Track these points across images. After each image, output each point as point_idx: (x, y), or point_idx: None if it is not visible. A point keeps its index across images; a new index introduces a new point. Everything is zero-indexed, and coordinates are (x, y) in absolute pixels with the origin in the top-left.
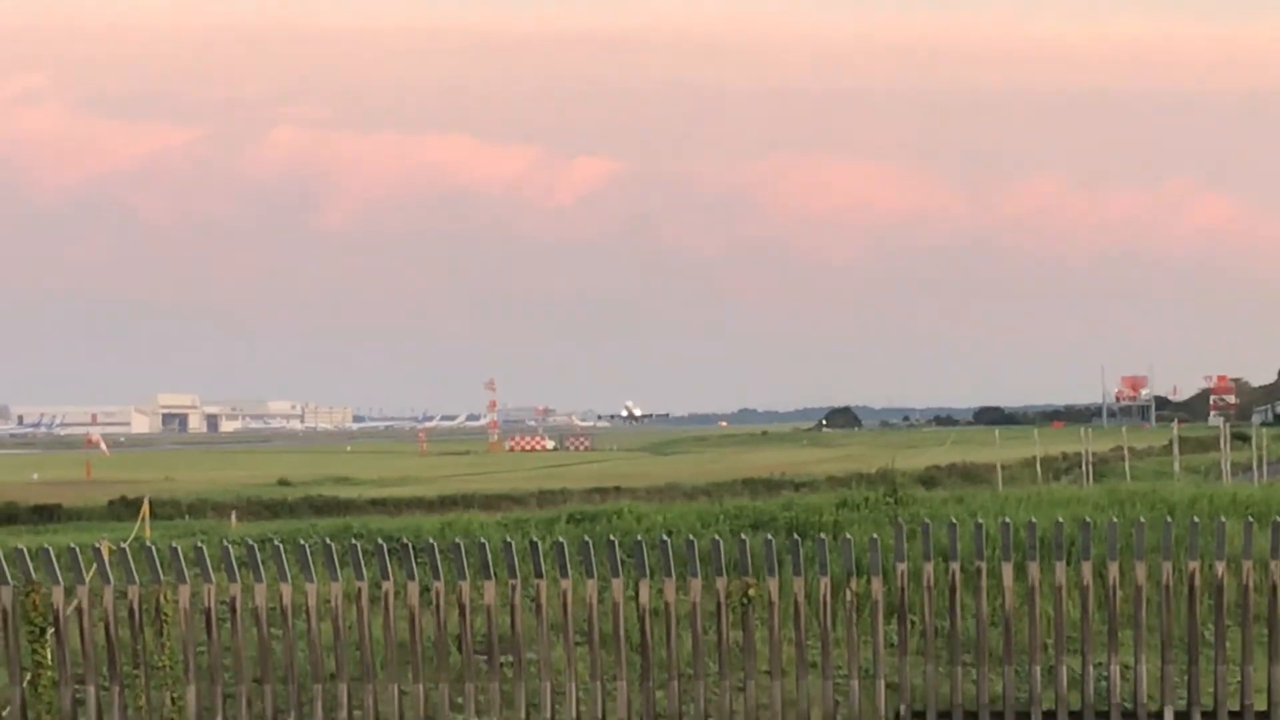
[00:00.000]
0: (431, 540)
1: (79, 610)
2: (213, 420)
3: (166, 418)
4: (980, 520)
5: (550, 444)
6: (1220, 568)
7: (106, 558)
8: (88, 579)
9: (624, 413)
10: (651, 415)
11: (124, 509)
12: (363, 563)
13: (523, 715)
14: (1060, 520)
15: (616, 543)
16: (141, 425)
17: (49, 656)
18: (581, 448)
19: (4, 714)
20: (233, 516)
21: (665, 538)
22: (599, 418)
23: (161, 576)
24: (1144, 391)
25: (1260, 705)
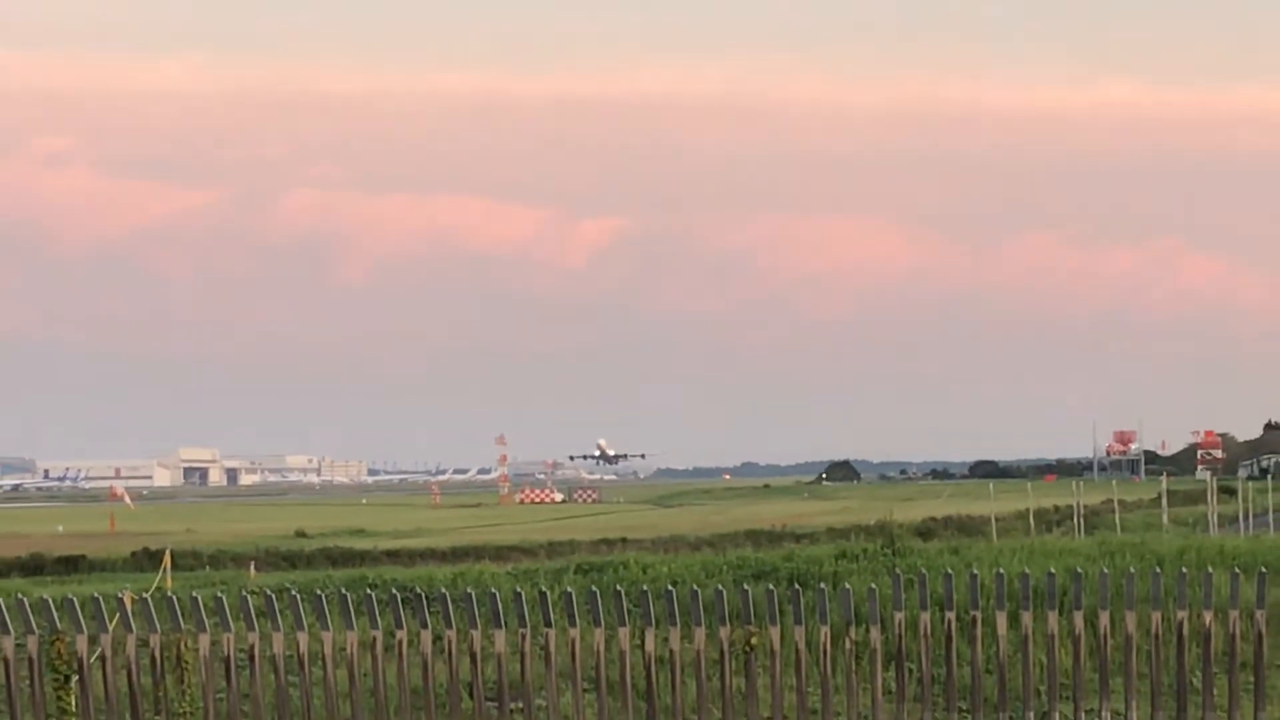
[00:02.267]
0: (444, 590)
1: (102, 658)
2: (232, 474)
3: (188, 471)
4: (975, 571)
5: (559, 496)
6: (1208, 617)
7: (129, 607)
8: (111, 628)
9: (595, 452)
10: (626, 455)
11: (146, 560)
12: (377, 612)
13: None
14: (1053, 571)
15: (623, 593)
16: (164, 479)
17: (73, 704)
18: (589, 500)
19: None
20: (251, 567)
21: (670, 588)
22: (570, 458)
23: (182, 625)
24: (1133, 446)
25: None
